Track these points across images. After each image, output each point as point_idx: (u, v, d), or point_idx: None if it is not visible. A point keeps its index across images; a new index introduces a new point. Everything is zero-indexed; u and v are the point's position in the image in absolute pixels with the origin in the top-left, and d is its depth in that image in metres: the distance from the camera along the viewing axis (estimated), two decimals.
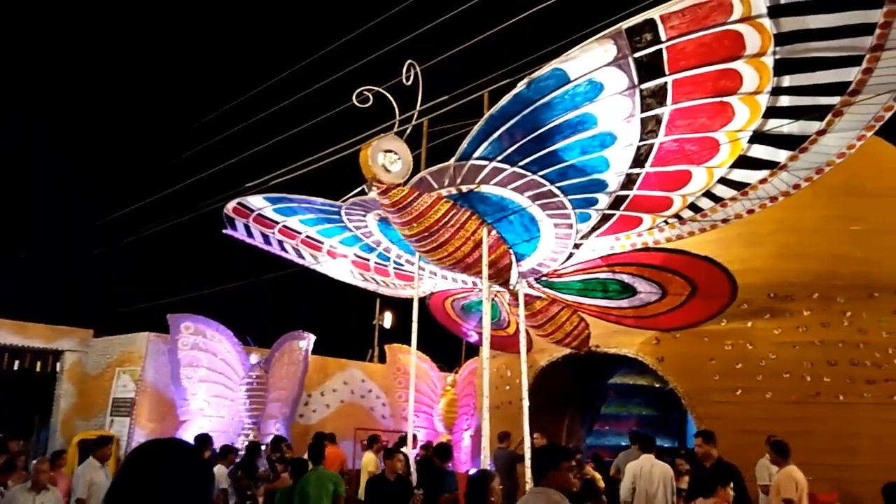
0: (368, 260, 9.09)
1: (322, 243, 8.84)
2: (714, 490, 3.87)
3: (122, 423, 13.87)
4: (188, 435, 12.49)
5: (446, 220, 6.98)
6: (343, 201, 7.51)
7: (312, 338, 15.09)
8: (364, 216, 7.84)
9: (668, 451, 9.88)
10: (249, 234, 8.83)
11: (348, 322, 25.14)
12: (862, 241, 9.46)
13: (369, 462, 10.23)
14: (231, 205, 8.33)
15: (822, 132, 5.53)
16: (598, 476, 9.43)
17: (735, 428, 9.00)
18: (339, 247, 8.87)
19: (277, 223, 8.54)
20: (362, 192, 7.20)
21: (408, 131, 6.75)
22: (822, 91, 5.14)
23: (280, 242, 8.97)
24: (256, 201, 8.15)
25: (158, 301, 13.75)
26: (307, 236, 8.73)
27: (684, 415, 10.15)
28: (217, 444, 9.68)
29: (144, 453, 1.77)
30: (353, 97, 6.74)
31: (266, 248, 9.08)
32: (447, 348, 17.99)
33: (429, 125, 7.81)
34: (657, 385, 11.93)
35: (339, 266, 9.32)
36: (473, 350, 15.62)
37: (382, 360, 18.83)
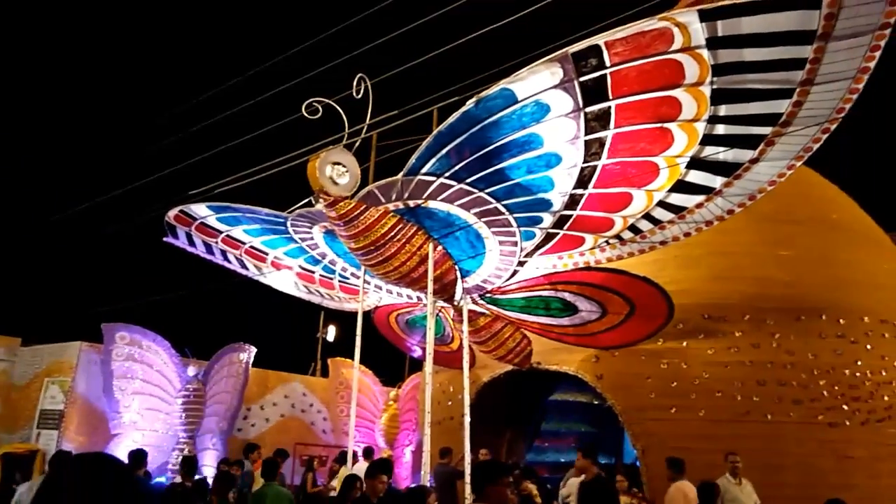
0: (314, 272, 9.03)
1: (267, 254, 8.74)
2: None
3: (49, 436, 13.29)
4: (119, 449, 12.08)
5: (393, 234, 7.01)
6: (289, 212, 7.46)
7: (253, 350, 14.82)
8: (310, 228, 7.80)
9: (604, 468, 10.06)
10: (191, 243, 8.66)
11: (291, 335, 24.81)
12: (789, 266, 9.88)
13: None
14: (173, 212, 8.17)
15: (755, 160, 5.79)
16: (535, 492, 9.51)
17: (669, 445, 9.23)
18: (283, 258, 8.78)
19: (221, 232, 8.41)
20: (309, 204, 7.17)
21: (356, 144, 6.77)
22: (755, 121, 5.37)
23: (223, 252, 8.83)
24: (199, 210, 8.02)
25: (92, 309, 13.31)
26: (251, 247, 8.62)
27: (621, 432, 10.35)
28: (151, 459, 9.40)
29: (73, 469, 1.66)
30: (303, 108, 6.73)
31: (208, 257, 8.92)
32: (391, 363, 17.95)
33: (378, 139, 7.85)
34: (596, 402, 12.15)
35: (283, 278, 9.22)
36: (417, 365, 15.62)
37: (325, 373, 18.62)
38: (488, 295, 8.50)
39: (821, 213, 10.80)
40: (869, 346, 9.64)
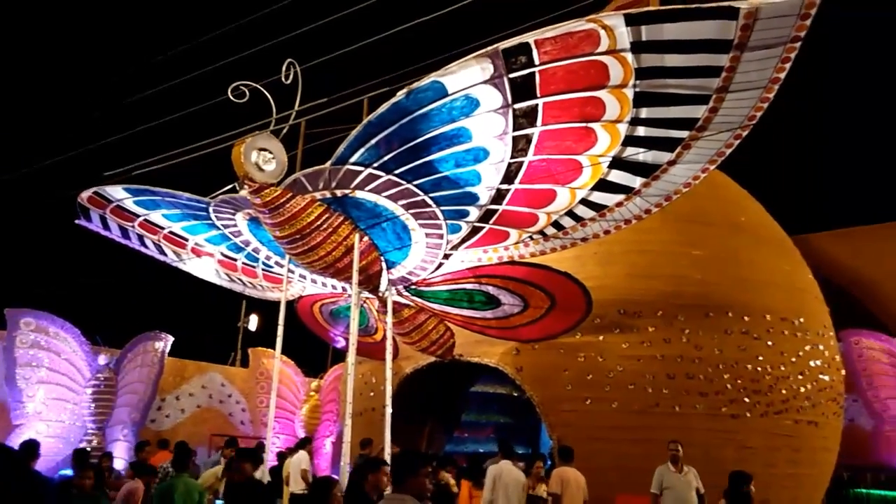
0: (236, 260, 8.83)
1: (186, 240, 8.48)
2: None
3: None
4: (20, 441, 11.48)
5: (319, 223, 6.94)
6: (212, 198, 7.26)
7: (170, 339, 14.37)
8: (233, 215, 7.62)
9: (521, 458, 10.33)
10: (106, 227, 8.31)
11: (211, 324, 24.15)
12: (701, 265, 10.37)
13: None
14: (86, 194, 7.81)
15: (672, 163, 6.01)
16: (452, 482, 9.64)
17: (583, 435, 9.55)
18: (204, 245, 8.55)
19: (138, 216, 8.10)
20: (233, 190, 7.01)
21: (284, 131, 6.66)
22: (674, 125, 5.58)
23: (140, 237, 8.52)
24: (115, 192, 7.70)
25: None
26: (170, 232, 8.35)
27: (538, 422, 10.62)
28: (56, 451, 8.95)
29: None
30: (229, 91, 6.57)
31: (124, 241, 8.58)
32: (313, 353, 17.76)
33: (306, 127, 7.73)
34: (515, 394, 12.41)
35: (203, 265, 8.97)
36: (340, 356, 15.52)
37: (245, 363, 18.23)
38: (413, 287, 8.54)
39: (731, 216, 11.37)
40: (770, 343, 10.23)
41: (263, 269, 8.93)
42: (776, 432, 9.93)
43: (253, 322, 22.05)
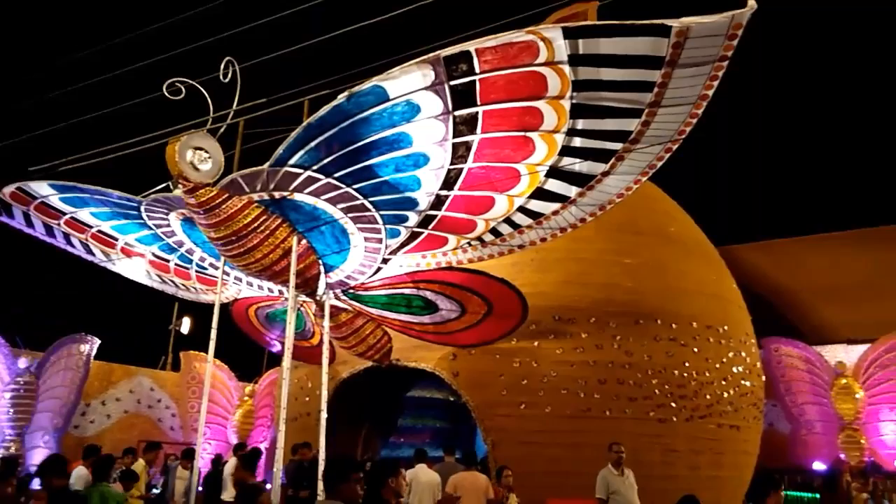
0: (168, 261, 8.59)
1: (116, 240, 8.21)
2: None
3: None
4: None
5: (256, 225, 6.83)
6: (144, 196, 7.06)
7: (97, 342, 13.84)
8: (166, 214, 7.43)
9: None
10: (29, 224, 7.97)
11: (141, 326, 23.36)
12: (632, 274, 10.69)
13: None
14: (8, 189, 7.47)
15: (606, 173, 6.18)
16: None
17: (517, 439, 9.71)
18: (135, 245, 8.29)
19: (65, 214, 7.80)
20: (167, 189, 6.84)
21: (221, 130, 6.55)
22: (608, 137, 5.74)
23: (66, 235, 8.20)
24: (40, 188, 7.39)
25: None
26: (99, 231, 8.06)
27: (474, 427, 10.72)
28: None
29: None
30: (164, 87, 6.41)
31: (49, 240, 8.24)
32: (248, 357, 17.42)
33: (245, 127, 7.60)
34: (452, 399, 12.48)
35: (134, 265, 8.70)
36: (275, 360, 15.27)
37: (177, 367, 17.72)
38: (351, 291, 8.50)
39: (661, 226, 11.77)
40: (696, 349, 10.63)
41: (197, 271, 8.73)
42: (700, 436, 10.32)
43: (185, 325, 21.46)
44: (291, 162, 6.19)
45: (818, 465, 15.05)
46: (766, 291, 18.32)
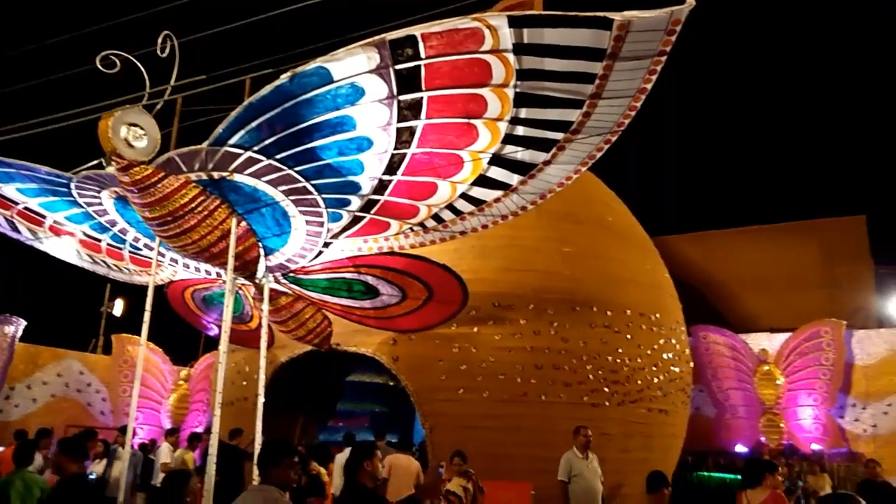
0: (100, 241, 8.30)
1: (44, 218, 7.88)
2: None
3: None
4: None
5: (193, 206, 6.66)
6: (74, 173, 6.79)
7: (22, 323, 13.29)
8: (98, 192, 7.17)
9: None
10: None
11: (70, 308, 22.50)
12: (570, 262, 10.93)
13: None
14: None
15: (547, 163, 6.28)
16: (323, 471, 9.62)
17: (455, 424, 9.83)
18: (64, 223, 7.98)
19: None
20: (99, 166, 6.59)
21: (158, 107, 6.34)
22: (550, 126, 5.82)
23: None
24: None
25: None
26: (25, 208, 7.72)
27: (412, 412, 10.80)
28: None
29: None
30: (97, 60, 6.17)
31: None
32: (184, 341, 17.02)
33: (183, 104, 7.39)
34: (391, 383, 12.53)
35: (63, 245, 8.38)
36: (212, 343, 14.99)
37: (108, 350, 17.17)
38: (291, 274, 8.41)
39: (599, 216, 12.04)
40: (629, 336, 10.96)
41: (131, 252, 8.47)
42: (631, 420, 10.67)
43: (118, 307, 20.77)
44: (231, 142, 6.06)
45: (740, 448, 15.78)
46: (696, 281, 19.03)
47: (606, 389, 10.49)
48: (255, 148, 6.12)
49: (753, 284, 19.42)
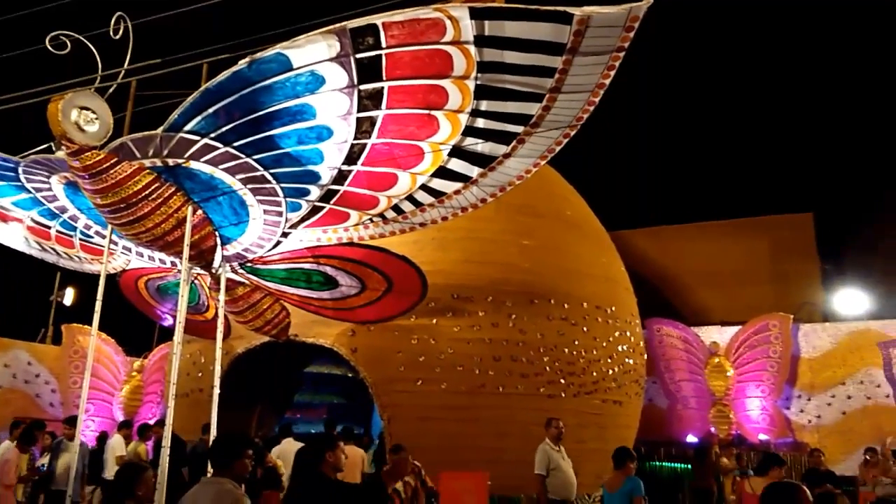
0: (49, 228, 8.07)
1: None
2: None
3: None
4: None
5: (147, 192, 6.53)
6: (22, 157, 6.59)
7: None
8: (48, 178, 6.97)
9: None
10: None
11: (18, 297, 21.80)
12: (529, 255, 11.03)
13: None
14: None
15: (507, 155, 6.32)
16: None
17: (413, 415, 9.86)
18: (12, 209, 7.74)
19: None
20: (48, 151, 6.41)
21: (111, 90, 6.19)
22: (510, 119, 5.85)
23: None
24: None
25: None
26: None
27: (371, 403, 10.79)
28: None
29: None
30: (47, 40, 5.99)
31: None
32: (138, 332, 16.68)
33: (137, 88, 7.19)
34: (350, 375, 12.49)
35: (10, 231, 8.12)
36: (167, 334, 14.71)
37: (58, 341, 16.71)
38: (249, 264, 8.31)
39: (558, 209, 12.18)
40: (585, 329, 11.12)
41: (81, 240, 8.26)
42: (586, 411, 10.84)
43: (68, 296, 20.20)
44: (187, 128, 5.95)
45: (691, 438, 16.19)
46: (651, 275, 19.41)
47: (563, 381, 10.64)
48: (212, 135, 6.02)
49: (706, 279, 19.91)
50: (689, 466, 12.88)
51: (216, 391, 7.70)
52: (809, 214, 20.29)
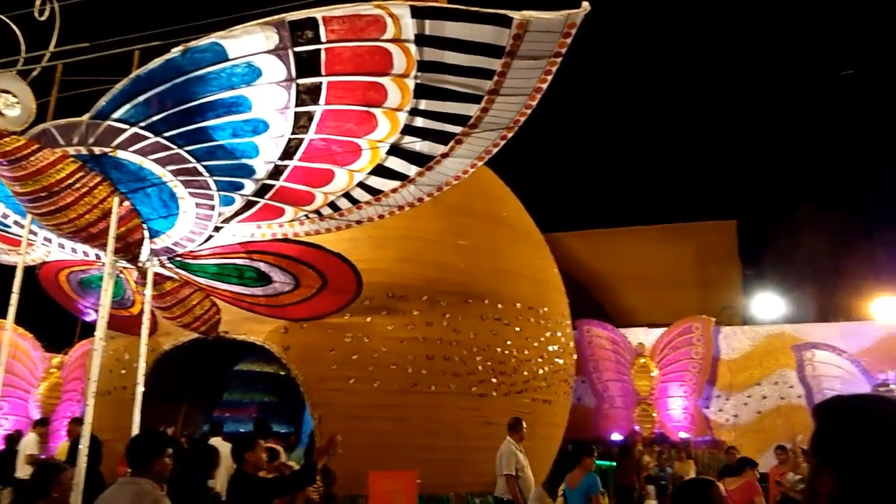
0: None
1: None
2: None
3: None
4: None
5: (70, 182, 6.26)
6: None
7: None
8: None
9: (284, 437, 10.34)
10: None
11: None
12: (465, 255, 11.12)
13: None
14: None
15: (445, 155, 6.37)
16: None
17: (344, 413, 9.80)
18: None
19: None
20: None
21: (34, 73, 5.92)
22: (449, 119, 5.90)
23: None
24: None
25: None
26: None
27: (302, 402, 10.66)
28: None
29: None
30: None
31: None
32: (59, 327, 15.93)
33: (63, 73, 6.88)
34: (281, 373, 12.30)
35: None
36: (90, 329, 14.11)
37: None
38: (178, 259, 8.08)
39: (494, 210, 12.32)
40: (517, 329, 11.30)
41: None
42: (516, 410, 10.96)
43: None
44: (115, 116, 5.75)
45: (616, 437, 16.66)
46: (582, 277, 19.88)
47: (494, 380, 10.78)
48: (142, 124, 5.85)
49: (634, 282, 20.54)
50: (615, 464, 13.23)
51: (139, 389, 7.47)
52: (734, 222, 21.18)
